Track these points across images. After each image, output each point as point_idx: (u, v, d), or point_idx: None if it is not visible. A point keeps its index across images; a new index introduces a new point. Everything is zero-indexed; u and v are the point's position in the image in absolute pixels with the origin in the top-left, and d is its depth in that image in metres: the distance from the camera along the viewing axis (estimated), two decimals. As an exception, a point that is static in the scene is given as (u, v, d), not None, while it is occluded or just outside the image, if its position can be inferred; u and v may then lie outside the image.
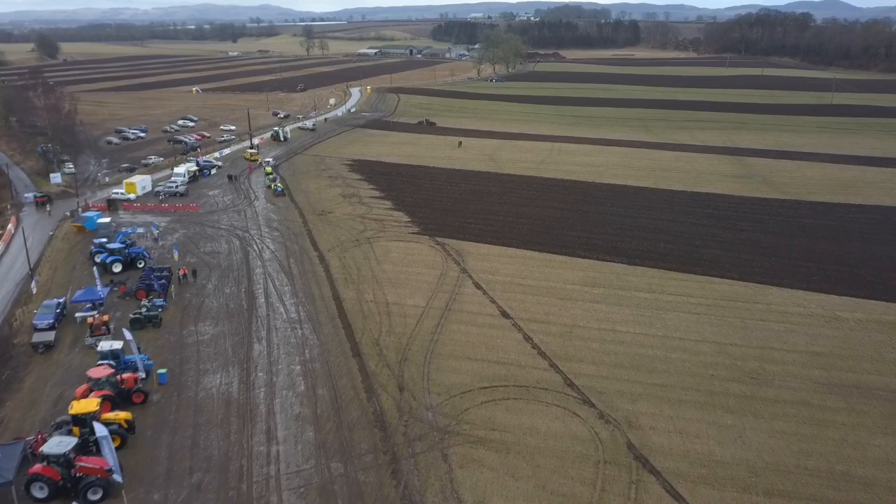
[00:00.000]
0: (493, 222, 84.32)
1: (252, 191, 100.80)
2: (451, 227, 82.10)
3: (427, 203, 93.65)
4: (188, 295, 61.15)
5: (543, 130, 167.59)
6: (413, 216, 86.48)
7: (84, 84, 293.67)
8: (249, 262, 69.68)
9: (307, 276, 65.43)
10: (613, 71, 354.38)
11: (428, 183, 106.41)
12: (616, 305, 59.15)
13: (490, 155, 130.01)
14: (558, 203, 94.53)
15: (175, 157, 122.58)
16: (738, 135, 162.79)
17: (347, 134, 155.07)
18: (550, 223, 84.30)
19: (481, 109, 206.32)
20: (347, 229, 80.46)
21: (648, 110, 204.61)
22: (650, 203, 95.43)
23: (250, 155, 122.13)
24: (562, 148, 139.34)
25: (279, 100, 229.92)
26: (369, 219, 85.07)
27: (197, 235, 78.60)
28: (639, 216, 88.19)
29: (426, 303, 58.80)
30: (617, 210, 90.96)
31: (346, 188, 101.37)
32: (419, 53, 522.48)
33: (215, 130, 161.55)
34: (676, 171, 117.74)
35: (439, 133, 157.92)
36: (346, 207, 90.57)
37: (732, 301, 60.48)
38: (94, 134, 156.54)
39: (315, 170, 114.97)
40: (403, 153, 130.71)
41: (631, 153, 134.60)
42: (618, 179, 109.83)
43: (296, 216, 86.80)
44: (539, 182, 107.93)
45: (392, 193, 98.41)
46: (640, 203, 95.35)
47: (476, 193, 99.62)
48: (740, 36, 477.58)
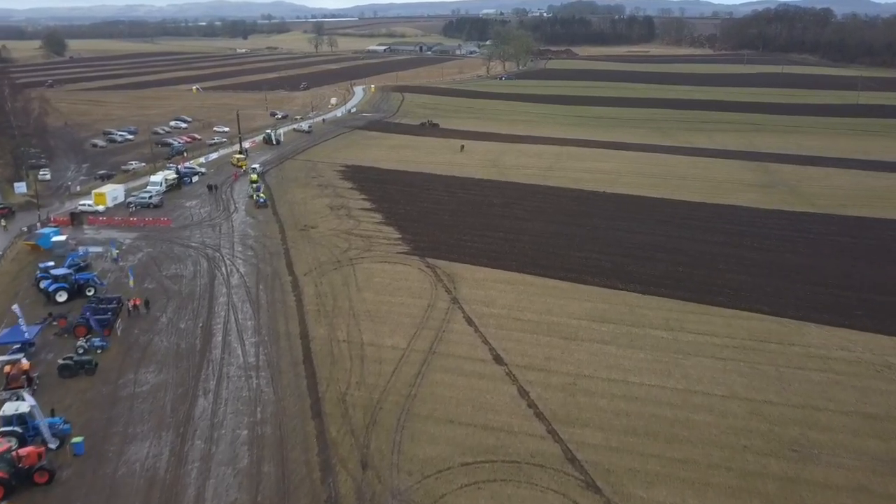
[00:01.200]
0: (491, 240, 76.10)
1: (233, 201, 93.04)
2: (444, 245, 74.01)
3: (421, 216, 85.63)
4: (136, 331, 53.45)
5: (552, 132, 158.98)
6: (404, 232, 78.48)
7: (85, 82, 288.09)
8: (214, 288, 61.96)
9: (275, 308, 57.65)
10: (627, 68, 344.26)
11: (424, 193, 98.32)
12: (628, 347, 50.90)
13: (493, 160, 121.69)
14: (565, 216, 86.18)
15: (157, 163, 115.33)
16: (759, 137, 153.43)
17: (345, 136, 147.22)
18: (555, 241, 75.97)
19: (488, 109, 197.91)
20: (330, 248, 72.58)
21: (663, 110, 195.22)
22: (666, 217, 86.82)
23: (237, 160, 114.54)
24: (570, 152, 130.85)
25: (280, 99, 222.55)
26: (356, 235, 77.16)
27: (162, 255, 70.96)
28: (653, 232, 79.68)
29: (407, 343, 50.75)
30: (629, 225, 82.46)
31: (335, 198, 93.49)
32: (429, 50, 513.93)
33: (208, 132, 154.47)
34: (693, 178, 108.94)
35: (442, 135, 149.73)
36: (331, 221, 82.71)
37: (764, 342, 51.98)
38: (82, 136, 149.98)
39: (305, 177, 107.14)
40: (401, 158, 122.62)
41: (644, 158, 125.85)
42: (630, 188, 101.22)
43: (275, 231, 79.00)
44: (545, 191, 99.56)
45: (384, 205, 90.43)
46: (655, 217, 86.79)
47: (475, 205, 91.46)
48: (758, 32, 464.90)
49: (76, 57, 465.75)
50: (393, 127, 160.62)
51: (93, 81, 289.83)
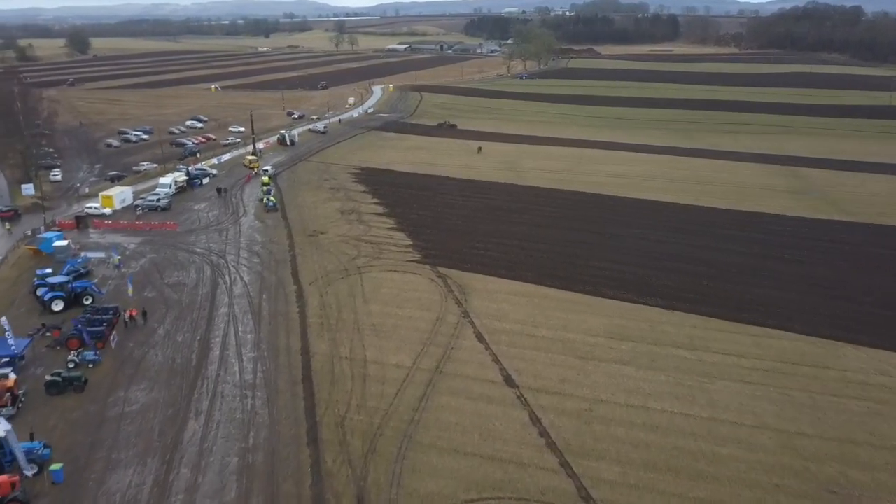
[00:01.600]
0: (506, 248, 72.99)
1: (242, 205, 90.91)
2: (457, 253, 71.08)
3: (434, 222, 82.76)
4: (132, 344, 51.24)
5: (572, 134, 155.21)
6: (416, 238, 75.69)
7: (106, 80, 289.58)
8: (216, 298, 59.67)
9: (277, 320, 55.12)
10: (650, 68, 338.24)
11: (438, 196, 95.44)
12: (649, 369, 47.58)
13: (511, 163, 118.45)
14: (584, 223, 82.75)
15: (170, 164, 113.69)
16: (788, 140, 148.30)
17: (360, 137, 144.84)
18: (573, 250, 72.63)
19: (507, 110, 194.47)
20: (338, 255, 70.01)
21: (687, 111, 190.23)
22: (690, 225, 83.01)
23: (250, 162, 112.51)
24: (591, 155, 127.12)
25: (298, 98, 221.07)
26: (366, 241, 74.50)
27: (165, 261, 68.86)
28: (677, 242, 75.97)
29: (413, 361, 47.90)
30: (651, 234, 78.79)
31: (347, 202, 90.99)
32: (450, 49, 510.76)
33: (223, 132, 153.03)
34: (719, 183, 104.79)
35: (459, 136, 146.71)
36: (342, 226, 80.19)
37: (796, 365, 48.33)
38: (97, 135, 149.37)
39: (317, 179, 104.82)
40: (417, 160, 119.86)
41: (667, 161, 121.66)
42: (653, 194, 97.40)
43: (283, 237, 76.63)
44: (564, 196, 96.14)
45: (396, 209, 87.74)
46: (679, 224, 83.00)
47: (491, 210, 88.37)
48: (785, 31, 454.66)
49: (99, 55, 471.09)
50: (409, 128, 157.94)
51: (113, 80, 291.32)
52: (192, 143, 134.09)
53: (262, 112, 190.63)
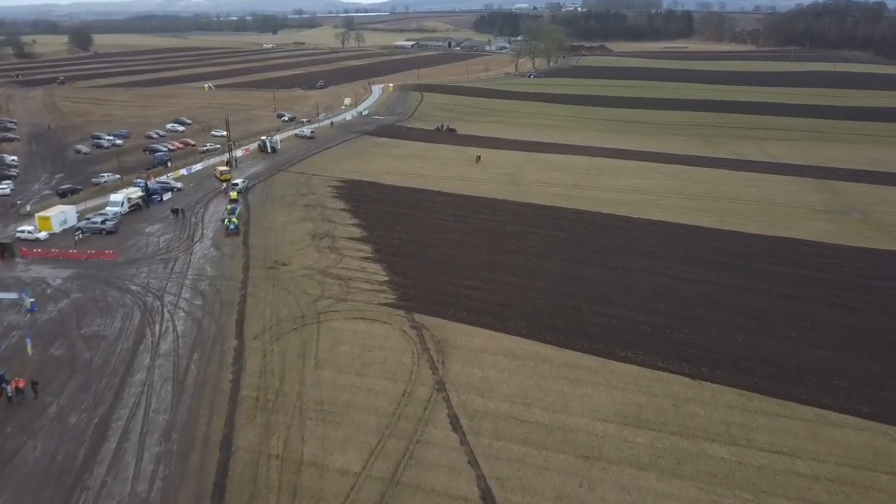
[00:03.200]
0: (498, 285, 61.47)
1: (202, 227, 79.76)
2: (439, 293, 59.75)
3: (418, 249, 71.41)
4: (9, 429, 39.96)
5: (581, 140, 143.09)
6: (393, 272, 64.42)
7: (100, 78, 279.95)
8: (136, 357, 48.59)
9: (202, 393, 43.98)
10: (664, 66, 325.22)
11: (427, 217, 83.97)
12: (674, 476, 36.02)
13: (512, 174, 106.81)
14: (591, 252, 71.05)
15: (136, 174, 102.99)
16: (818, 147, 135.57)
17: (350, 143, 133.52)
18: (578, 289, 61.04)
19: (512, 112, 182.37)
20: (297, 295, 58.92)
21: (705, 114, 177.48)
22: (716, 255, 70.85)
23: (221, 174, 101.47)
24: (602, 165, 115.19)
25: (293, 98, 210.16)
26: (333, 276, 63.33)
27: (90, 304, 57.94)
28: (702, 279, 64.16)
29: (363, 464, 36.47)
30: (671, 267, 66.96)
31: (321, 223, 79.77)
32: (458, 46, 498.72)
33: (205, 136, 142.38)
34: (747, 200, 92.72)
35: (457, 142, 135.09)
36: (309, 255, 69.05)
37: (870, 471, 36.58)
38: (69, 140, 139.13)
39: (293, 194, 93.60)
40: (408, 171, 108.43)
41: (686, 173, 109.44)
42: (671, 214, 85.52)
43: (238, 269, 65.49)
44: (569, 217, 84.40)
45: (376, 233, 76.47)
46: (703, 254, 71.01)
47: (485, 234, 76.92)
48: (805, 27, 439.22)
49: (101, 52, 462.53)
50: (405, 132, 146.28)
51: (107, 78, 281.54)
52: (166, 150, 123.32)
53: (251, 114, 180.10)
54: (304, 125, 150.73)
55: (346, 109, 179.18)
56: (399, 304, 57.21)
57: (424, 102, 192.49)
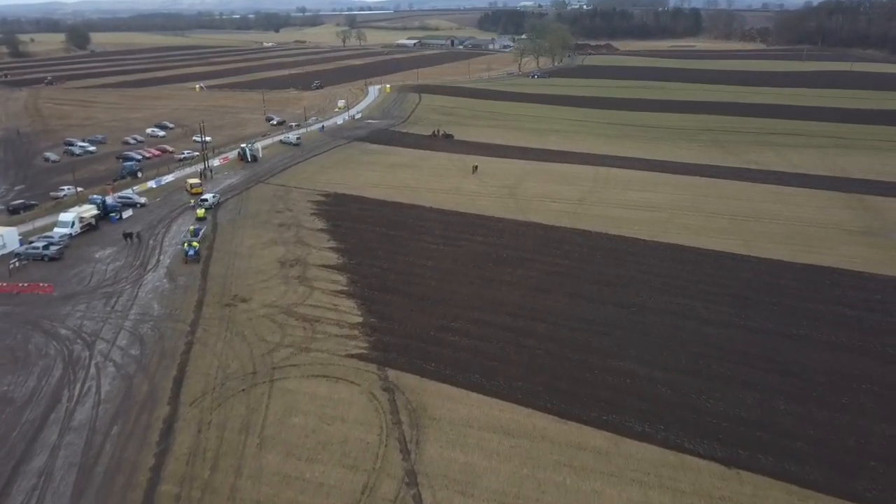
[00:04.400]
0: (490, 330, 51.97)
1: (160, 251, 71.00)
2: (420, 340, 50.59)
3: (400, 281, 62.36)
4: None
5: (587, 146, 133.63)
6: (369, 311, 55.37)
7: (91, 79, 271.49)
8: (41, 432, 39.54)
9: (110, 490, 34.70)
10: (673, 65, 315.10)
11: (414, 239, 74.84)
12: None
13: (512, 187, 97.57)
14: (599, 286, 61.75)
15: (102, 186, 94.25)
16: (843, 155, 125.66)
17: (338, 151, 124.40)
18: (584, 336, 51.46)
19: (514, 115, 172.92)
20: (253, 342, 49.96)
21: (718, 117, 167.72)
22: (745, 289, 60.96)
23: (191, 187, 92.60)
24: (610, 176, 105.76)
25: (286, 100, 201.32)
26: (298, 316, 54.39)
27: (6, 353, 48.45)
28: (730, 321, 54.55)
29: None
30: (693, 306, 57.45)
31: (294, 247, 70.87)
32: (461, 44, 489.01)
33: (187, 142, 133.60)
34: (772, 219, 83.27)
35: (454, 150, 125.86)
36: (275, 288, 60.16)
37: None
38: (40, 146, 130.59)
39: (268, 211, 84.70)
40: (398, 183, 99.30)
41: (703, 186, 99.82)
42: (689, 235, 76.08)
43: (189, 307, 56.60)
44: (574, 239, 75.04)
45: (355, 259, 67.56)
46: (729, 288, 61.22)
47: (479, 260, 67.87)
48: (817, 25, 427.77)
49: (97, 51, 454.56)
50: (398, 138, 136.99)
51: (100, 77, 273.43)
52: (140, 158, 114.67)
53: (239, 117, 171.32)
54: (292, 130, 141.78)
55: (338, 112, 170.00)
56: (371, 355, 48.18)
57: (422, 105, 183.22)
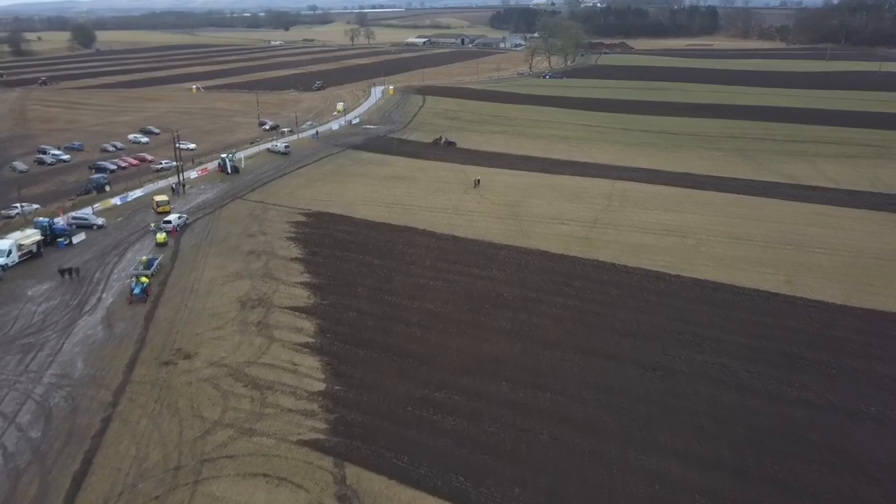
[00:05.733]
0: (485, 404, 41.59)
1: (104, 286, 61.43)
2: (393, 419, 40.08)
3: (378, 328, 52.04)
4: None
5: (601, 156, 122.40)
6: (334, 375, 45.01)
7: (88, 79, 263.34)
8: None
9: None
10: (690, 65, 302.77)
11: (402, 270, 64.58)
12: None
13: (516, 205, 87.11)
14: (618, 337, 50.98)
15: (66, 203, 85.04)
16: (885, 168, 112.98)
17: (329, 160, 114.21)
18: (601, 416, 40.74)
19: (522, 119, 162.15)
20: (185, 419, 39.96)
21: (742, 122, 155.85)
22: (793, 343, 49.95)
23: (158, 205, 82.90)
24: (627, 191, 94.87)
25: (285, 102, 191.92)
26: (248, 380, 44.28)
27: None
28: (781, 393, 43.35)
29: None
30: (732, 368, 46.22)
31: (261, 282, 61.12)
32: (471, 43, 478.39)
33: (170, 150, 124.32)
34: (815, 247, 71.86)
35: (456, 159, 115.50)
36: (228, 338, 50.26)
37: None
38: (12, 153, 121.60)
39: (239, 234, 74.85)
40: (391, 198, 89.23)
41: (733, 205, 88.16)
42: (722, 269, 64.80)
43: (119, 367, 46.70)
44: (587, 273, 64.21)
45: (330, 298, 57.46)
46: (775, 342, 50.02)
47: (474, 301, 57.48)
48: (840, 23, 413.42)
49: (101, 49, 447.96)
50: (396, 146, 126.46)
51: (97, 77, 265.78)
52: (112, 169, 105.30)
53: (232, 120, 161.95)
54: (284, 136, 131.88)
55: (336, 117, 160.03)
56: (329, 443, 38.05)
57: (425, 108, 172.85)
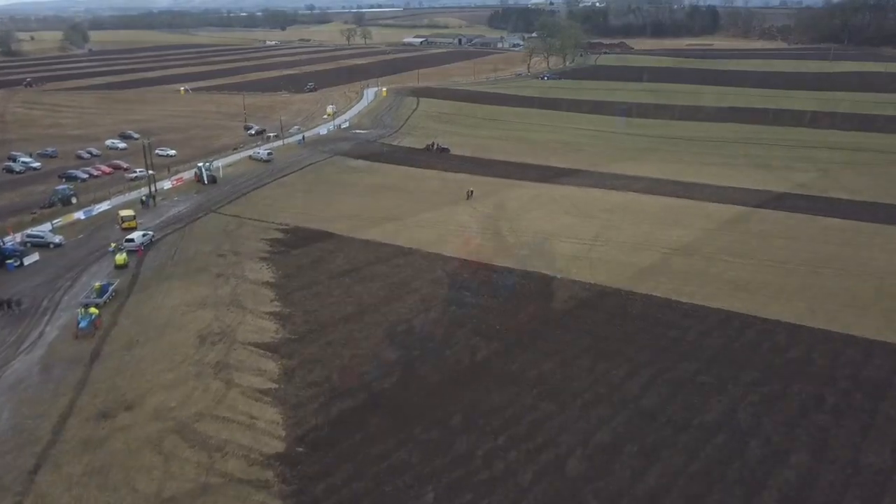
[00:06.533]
0: (481, 468, 36.24)
1: (50, 317, 54.82)
2: (367, 495, 34.68)
3: (353, 366, 46.17)
4: None
5: (603, 163, 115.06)
6: (294, 435, 39.41)
7: (76, 80, 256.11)
8: None
9: None
10: (692, 65, 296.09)
11: (381, 309, 58.50)
12: None
13: (512, 219, 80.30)
14: (630, 403, 44.95)
15: (28, 216, 78.65)
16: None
17: (315, 168, 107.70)
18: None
19: (520, 123, 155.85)
20: (113, 493, 33.71)
21: (750, 126, 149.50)
22: (828, 388, 43.55)
23: (123, 220, 76.03)
24: (630, 203, 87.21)
25: (274, 104, 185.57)
26: (196, 439, 37.60)
27: None
28: (843, 465, 37.93)
29: None
30: (779, 442, 39.98)
31: (227, 311, 54.45)
32: (469, 43, 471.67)
33: (149, 156, 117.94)
34: (840, 270, 64.30)
35: (448, 167, 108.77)
36: (179, 385, 43.42)
37: None
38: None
39: (208, 253, 68.23)
40: (377, 211, 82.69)
41: (749, 220, 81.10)
42: (737, 297, 57.22)
43: (49, 422, 39.89)
44: (592, 302, 57.09)
45: (297, 332, 50.59)
46: (809, 384, 43.80)
47: (465, 334, 51.66)
48: (842, 23, 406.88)
49: (95, 49, 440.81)
50: (387, 153, 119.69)
51: (85, 78, 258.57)
52: (82, 178, 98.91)
53: (217, 123, 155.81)
54: (269, 141, 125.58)
55: (326, 120, 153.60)
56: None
57: (419, 111, 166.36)
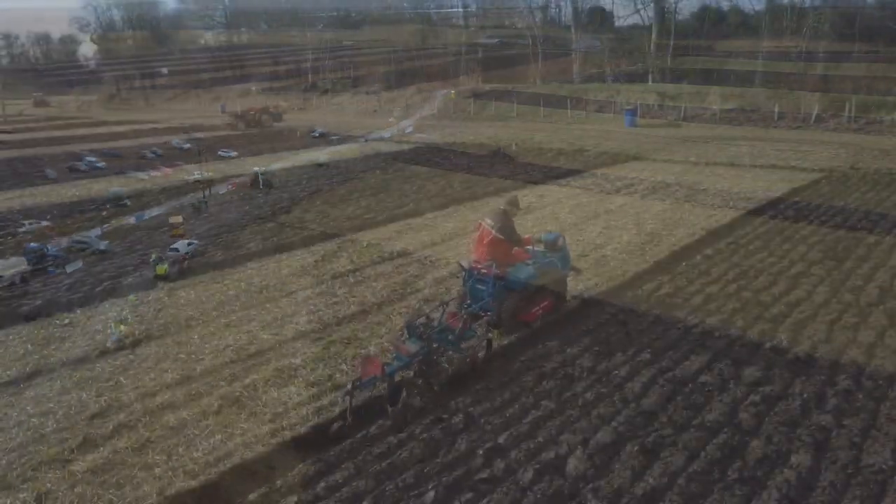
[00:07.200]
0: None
1: (77, 333, 52.79)
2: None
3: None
4: None
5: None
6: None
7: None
8: None
9: None
10: (784, 69, 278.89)
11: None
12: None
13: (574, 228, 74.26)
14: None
15: (81, 218, 76.87)
16: None
17: (371, 175, 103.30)
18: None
19: (589, 130, 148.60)
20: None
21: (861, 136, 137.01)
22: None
23: (173, 227, 73.16)
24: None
25: (340, 104, 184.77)
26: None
27: None
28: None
29: None
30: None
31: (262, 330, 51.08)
32: (542, 42, 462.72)
33: (213, 156, 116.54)
34: (870, 277, 55.00)
35: (512, 175, 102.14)
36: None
37: None
38: (49, 159, 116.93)
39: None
40: (424, 238, 78.24)
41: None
42: (814, 330, 48.89)
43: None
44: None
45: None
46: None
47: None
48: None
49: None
50: (448, 159, 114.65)
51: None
52: (142, 178, 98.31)
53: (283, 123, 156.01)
54: (331, 144, 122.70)
55: (391, 124, 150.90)
56: None
57: (485, 113, 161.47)
